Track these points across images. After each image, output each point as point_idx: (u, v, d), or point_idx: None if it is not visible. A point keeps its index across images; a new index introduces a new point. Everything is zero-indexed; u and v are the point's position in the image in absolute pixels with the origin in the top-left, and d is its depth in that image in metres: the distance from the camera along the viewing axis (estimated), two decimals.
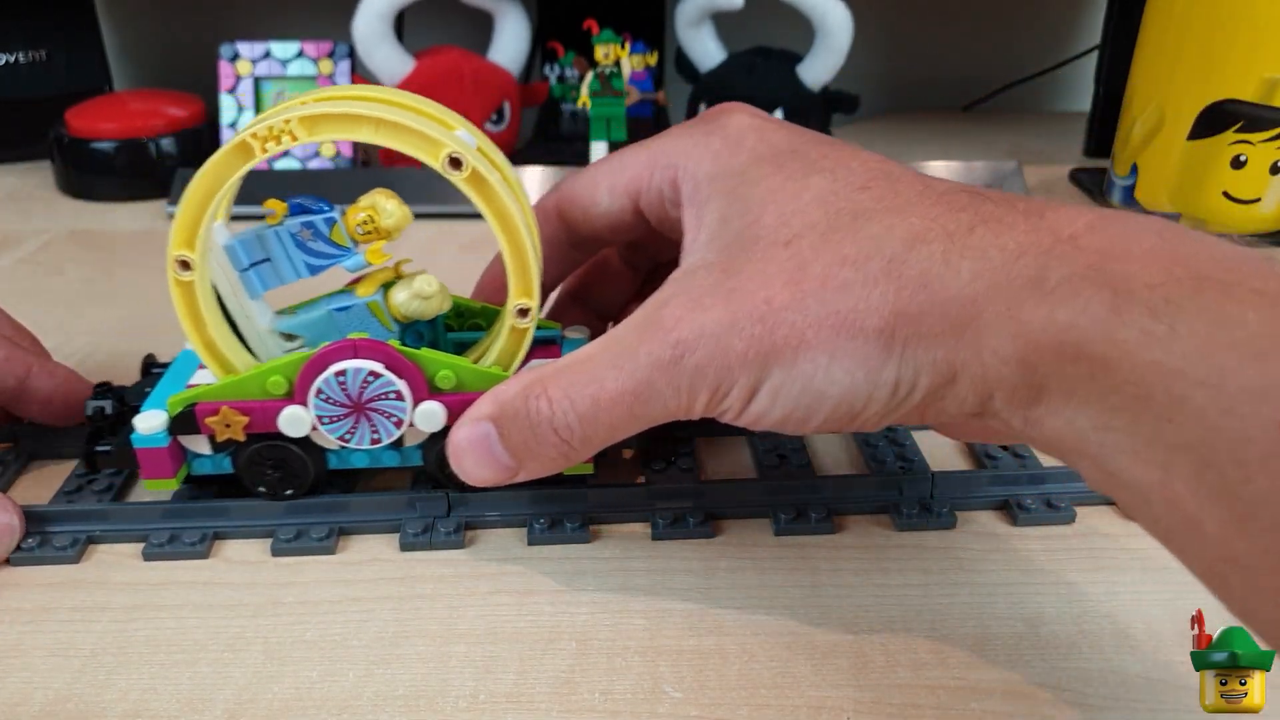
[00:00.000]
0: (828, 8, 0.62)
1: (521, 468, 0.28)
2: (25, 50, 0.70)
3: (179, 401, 0.30)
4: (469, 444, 0.28)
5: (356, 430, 0.30)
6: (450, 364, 0.30)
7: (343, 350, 0.29)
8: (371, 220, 0.29)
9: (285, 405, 0.30)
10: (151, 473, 0.30)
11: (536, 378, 0.27)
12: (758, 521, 0.32)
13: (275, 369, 0.30)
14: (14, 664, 0.27)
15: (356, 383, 0.29)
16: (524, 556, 0.31)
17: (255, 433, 0.30)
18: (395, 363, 0.29)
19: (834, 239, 0.25)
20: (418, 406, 0.30)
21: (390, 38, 0.62)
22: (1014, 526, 0.32)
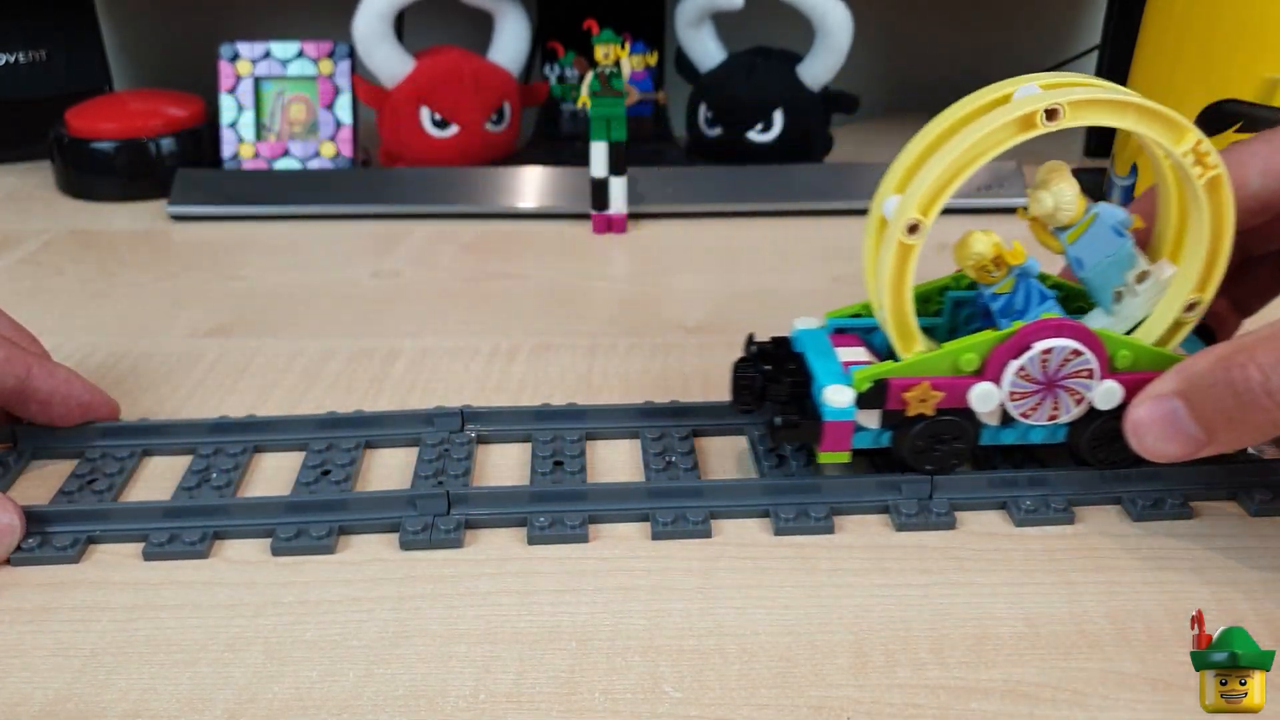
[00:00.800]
0: (828, 8, 0.62)
1: (1214, 440, 0.28)
2: (25, 50, 0.70)
3: (867, 377, 0.31)
4: (1153, 419, 0.29)
5: (1040, 407, 0.31)
6: (1129, 344, 0.31)
7: (1046, 329, 0.30)
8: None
9: (977, 381, 0.31)
10: (832, 445, 0.32)
11: (1236, 348, 0.27)
12: (758, 521, 0.32)
13: (969, 346, 0.31)
14: (14, 664, 0.27)
15: (1058, 360, 0.30)
16: (524, 556, 0.31)
17: (945, 408, 0.31)
18: (1091, 341, 0.30)
19: None
20: (1100, 384, 0.31)
21: (390, 38, 0.62)
22: (1014, 527, 0.32)
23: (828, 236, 0.58)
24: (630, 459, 0.36)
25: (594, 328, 0.47)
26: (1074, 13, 0.85)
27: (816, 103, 0.65)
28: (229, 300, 0.50)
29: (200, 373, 0.43)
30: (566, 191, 0.62)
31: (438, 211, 0.61)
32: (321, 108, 0.66)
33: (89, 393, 0.37)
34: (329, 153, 0.65)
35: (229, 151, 0.66)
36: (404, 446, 0.37)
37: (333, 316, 0.48)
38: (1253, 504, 0.32)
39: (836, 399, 0.31)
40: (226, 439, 0.36)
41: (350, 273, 0.54)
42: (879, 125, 0.80)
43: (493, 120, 0.65)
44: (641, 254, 0.57)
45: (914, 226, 0.29)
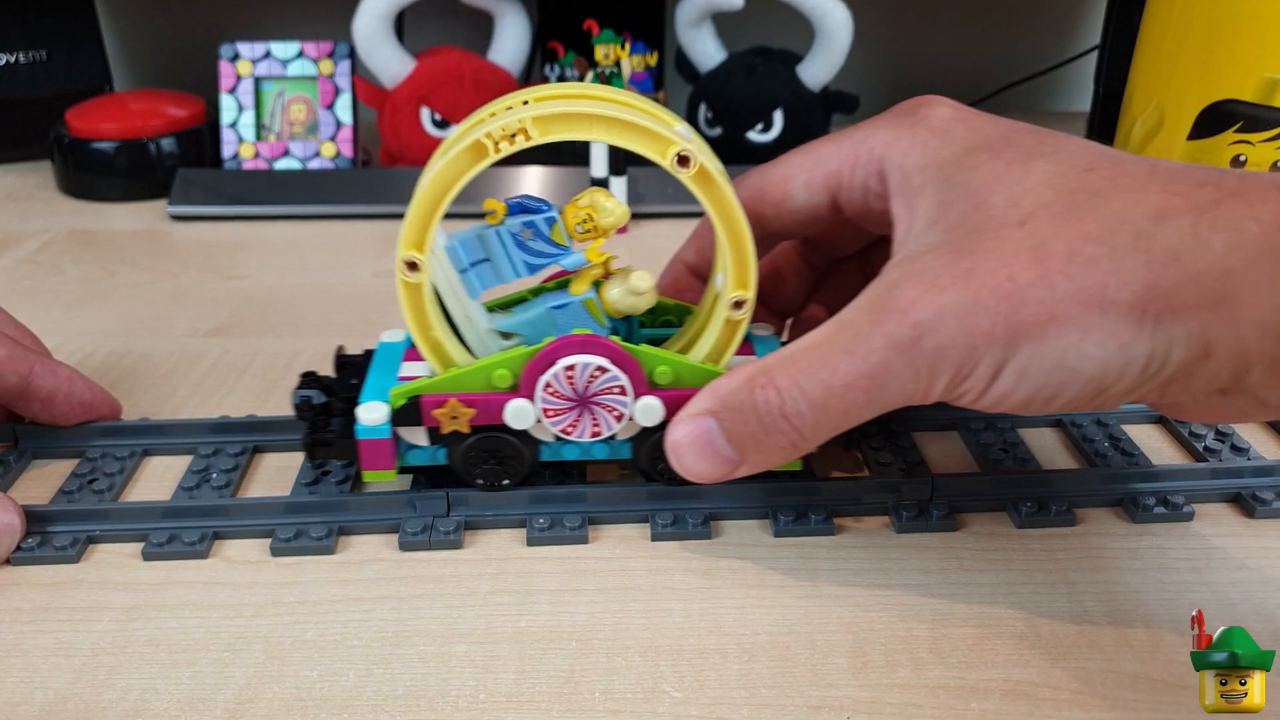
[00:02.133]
0: (828, 8, 0.62)
1: (745, 460, 0.28)
2: (25, 50, 0.70)
3: (402, 393, 0.30)
4: (690, 439, 0.28)
5: (579, 424, 0.31)
6: (668, 359, 0.30)
7: (571, 345, 0.30)
8: (591, 219, 0.30)
9: (511, 398, 0.30)
10: (372, 463, 0.31)
11: (760, 368, 0.27)
12: (758, 523, 0.32)
13: (501, 362, 0.30)
14: (14, 664, 0.27)
15: (584, 377, 0.30)
16: (524, 556, 0.31)
17: (480, 424, 0.31)
18: (619, 358, 0.30)
19: (1072, 217, 0.24)
20: (637, 401, 0.30)
21: (390, 38, 0.62)
22: (1014, 529, 0.32)
23: None
24: None
25: None
26: (1074, 13, 0.85)
27: (816, 103, 0.65)
28: (229, 300, 0.50)
29: (200, 373, 0.43)
30: (566, 191, 0.62)
31: None
32: (322, 108, 0.66)
33: (90, 391, 0.37)
34: (329, 153, 0.65)
35: (229, 151, 0.66)
36: None
37: (333, 316, 0.48)
38: (1252, 506, 0.32)
39: (368, 416, 0.30)
40: (226, 439, 0.36)
41: (350, 273, 0.54)
42: None
43: None
44: (642, 254, 0.57)
45: (413, 264, 0.29)
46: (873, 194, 0.29)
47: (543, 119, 0.27)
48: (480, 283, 0.30)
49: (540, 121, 0.27)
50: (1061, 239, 0.24)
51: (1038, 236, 0.24)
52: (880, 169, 0.29)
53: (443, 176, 0.28)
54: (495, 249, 0.30)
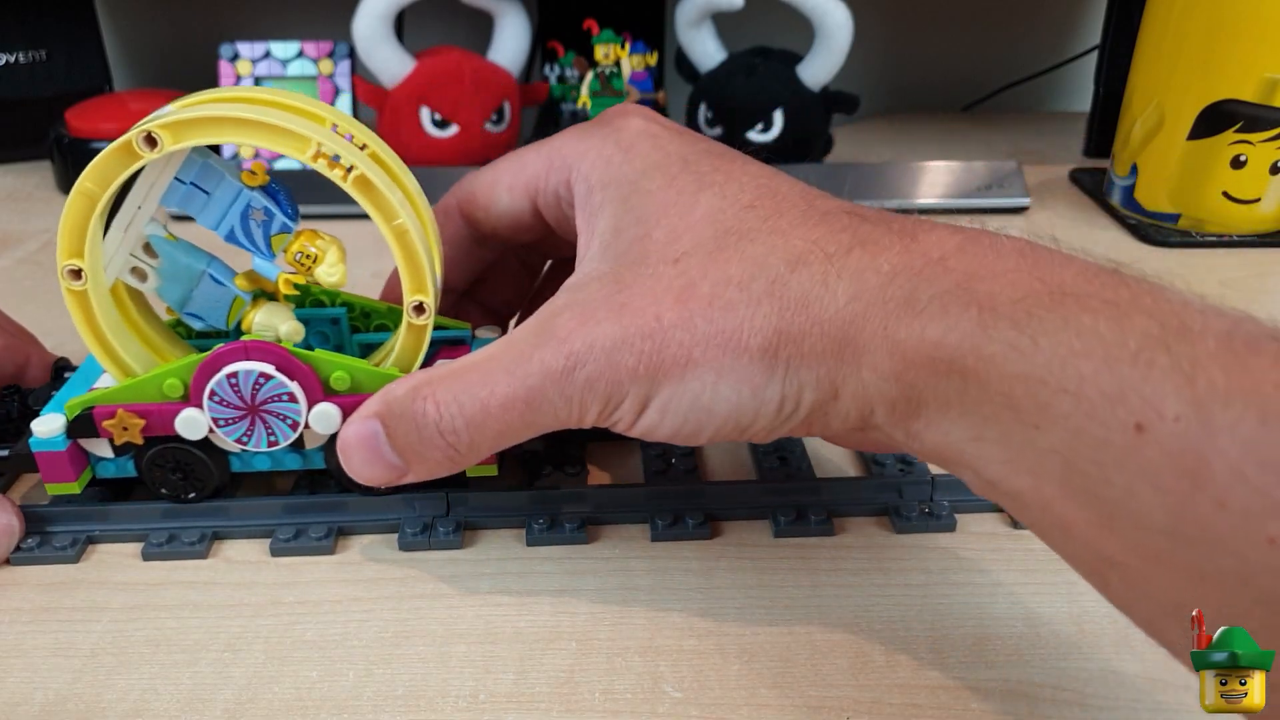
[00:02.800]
0: (828, 8, 0.62)
1: (409, 468, 0.27)
2: (25, 50, 0.70)
3: (77, 405, 0.30)
4: (357, 442, 0.27)
5: (253, 432, 0.30)
6: (345, 365, 0.30)
7: (235, 352, 0.29)
8: (310, 262, 0.29)
9: (182, 408, 0.30)
10: (52, 476, 0.30)
11: (426, 379, 0.27)
12: (757, 523, 0.32)
13: (171, 371, 0.29)
14: (14, 664, 0.27)
15: (249, 385, 0.29)
16: (524, 556, 0.31)
17: (154, 435, 0.30)
18: (288, 364, 0.29)
19: (720, 258, 0.25)
20: (313, 408, 0.30)
21: (390, 38, 0.62)
22: (1014, 529, 0.32)
23: None
24: (630, 461, 0.36)
25: None
26: (1074, 13, 0.85)
27: (816, 103, 0.65)
28: None
29: None
30: None
31: None
32: None
33: None
34: None
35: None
36: None
37: None
38: None
39: (43, 429, 0.30)
40: None
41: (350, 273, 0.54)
42: (879, 125, 0.80)
43: (493, 120, 0.65)
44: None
45: (75, 272, 0.28)
46: (564, 203, 0.30)
47: (174, 125, 0.27)
48: (180, 202, 0.29)
49: (171, 127, 0.27)
50: (707, 281, 0.25)
51: (687, 276, 0.25)
52: (568, 178, 0.29)
53: (91, 180, 0.27)
54: (222, 198, 0.29)
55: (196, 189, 0.29)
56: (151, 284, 0.30)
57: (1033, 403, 0.21)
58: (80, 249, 0.28)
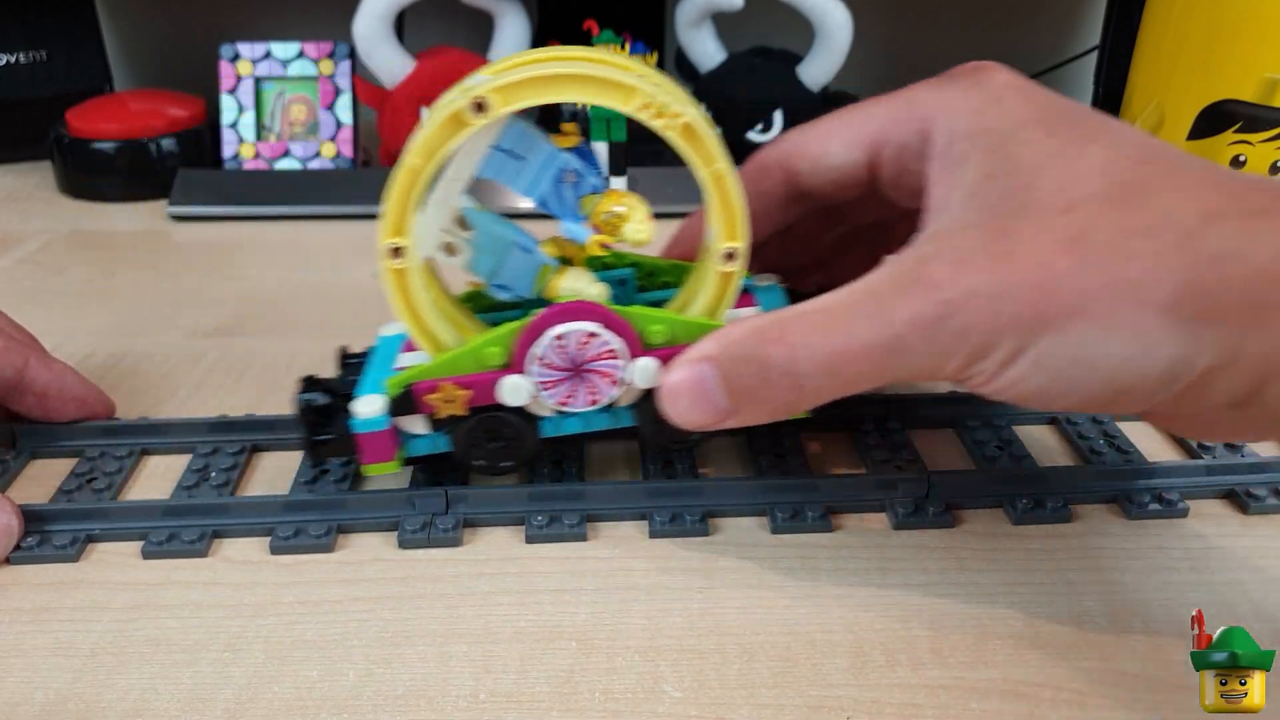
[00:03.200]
0: (828, 8, 0.62)
1: (737, 412, 0.27)
2: (25, 50, 0.70)
3: (396, 383, 0.30)
4: (686, 385, 0.27)
5: (575, 393, 0.30)
6: (662, 318, 0.30)
7: (557, 314, 0.29)
8: (619, 221, 0.29)
9: (504, 375, 0.30)
10: (373, 456, 0.31)
11: (773, 322, 0.26)
12: (755, 520, 0.32)
13: (492, 340, 0.30)
14: (14, 664, 0.27)
15: (575, 344, 0.29)
16: (524, 555, 0.31)
17: (476, 406, 0.30)
18: (610, 321, 0.30)
19: (1120, 208, 0.24)
20: (633, 363, 0.30)
21: (391, 38, 0.62)
22: (1011, 525, 0.32)
23: None
24: (629, 458, 0.36)
25: None
26: (1074, 13, 0.85)
27: (816, 103, 0.65)
28: (229, 300, 0.50)
29: (200, 373, 0.43)
30: None
31: None
32: (322, 108, 0.66)
33: (85, 388, 0.37)
34: (329, 153, 0.65)
35: (229, 152, 0.66)
36: None
37: (333, 316, 0.48)
38: (1249, 503, 0.32)
39: (363, 409, 0.30)
40: (225, 438, 0.36)
41: (350, 273, 0.54)
42: None
43: None
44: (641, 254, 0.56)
45: (396, 250, 0.28)
46: (912, 154, 0.28)
47: (505, 88, 0.27)
48: (496, 171, 0.29)
49: (502, 90, 0.27)
50: (1105, 230, 0.24)
51: (1081, 225, 0.24)
52: (924, 128, 0.28)
53: (424, 150, 0.27)
54: (535, 162, 0.29)
55: (509, 155, 0.29)
56: (463, 257, 0.30)
57: None
58: (403, 228, 0.28)
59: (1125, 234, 0.23)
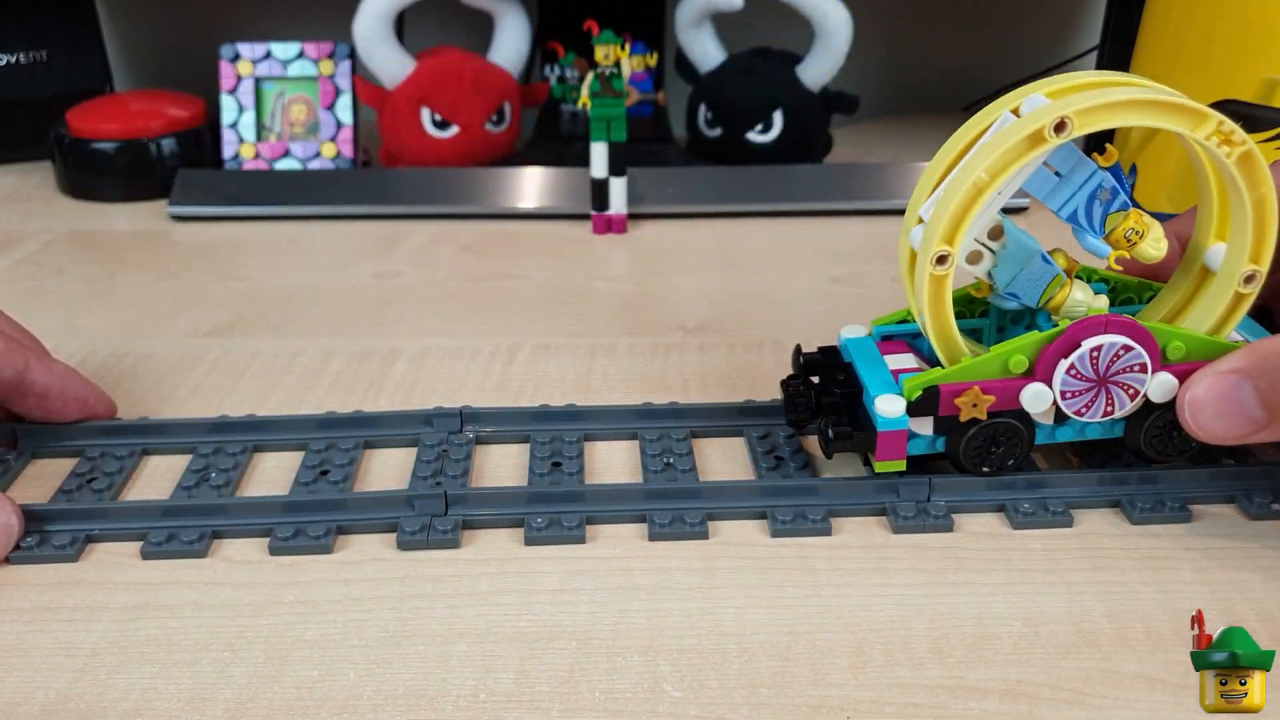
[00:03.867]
0: (827, 8, 0.62)
1: (1273, 423, 0.28)
2: (25, 50, 0.70)
3: (916, 385, 0.31)
4: (1215, 396, 0.28)
5: (1094, 404, 0.31)
6: (1181, 335, 0.31)
7: (1093, 326, 0.30)
8: (1138, 238, 0.30)
9: (1028, 382, 0.31)
10: (887, 454, 0.32)
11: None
12: (755, 523, 0.32)
13: (1018, 349, 0.31)
14: (15, 663, 0.27)
15: (1108, 357, 0.30)
16: (524, 556, 0.31)
17: (994, 410, 0.31)
18: (1141, 336, 0.30)
19: None
20: (1153, 377, 0.31)
21: (391, 38, 0.62)
22: (1012, 529, 0.32)
23: (827, 237, 0.58)
24: (629, 460, 0.36)
25: (594, 328, 0.47)
26: (1074, 13, 0.85)
27: (816, 103, 0.65)
28: (229, 300, 0.50)
29: (200, 373, 0.43)
30: (566, 192, 0.62)
31: (438, 212, 0.61)
32: (322, 108, 0.66)
33: (86, 389, 0.37)
34: (329, 153, 0.65)
35: (230, 152, 0.66)
36: (403, 447, 0.37)
37: (333, 316, 0.48)
38: (1252, 507, 0.32)
39: (888, 409, 0.31)
40: (226, 438, 0.36)
41: (350, 273, 0.54)
42: (879, 125, 0.80)
43: (493, 121, 0.65)
44: (641, 254, 0.57)
45: (942, 258, 0.29)
46: None
47: (1084, 111, 0.28)
48: (1038, 187, 0.30)
49: (1082, 114, 0.28)
50: None
51: None
52: None
53: (996, 166, 0.28)
54: (1075, 179, 0.30)
55: (1050, 172, 0.30)
56: (984, 266, 0.32)
57: None
58: (955, 237, 0.29)
59: None
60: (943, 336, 0.31)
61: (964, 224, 0.29)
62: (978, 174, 0.28)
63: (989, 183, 0.28)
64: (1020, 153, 0.28)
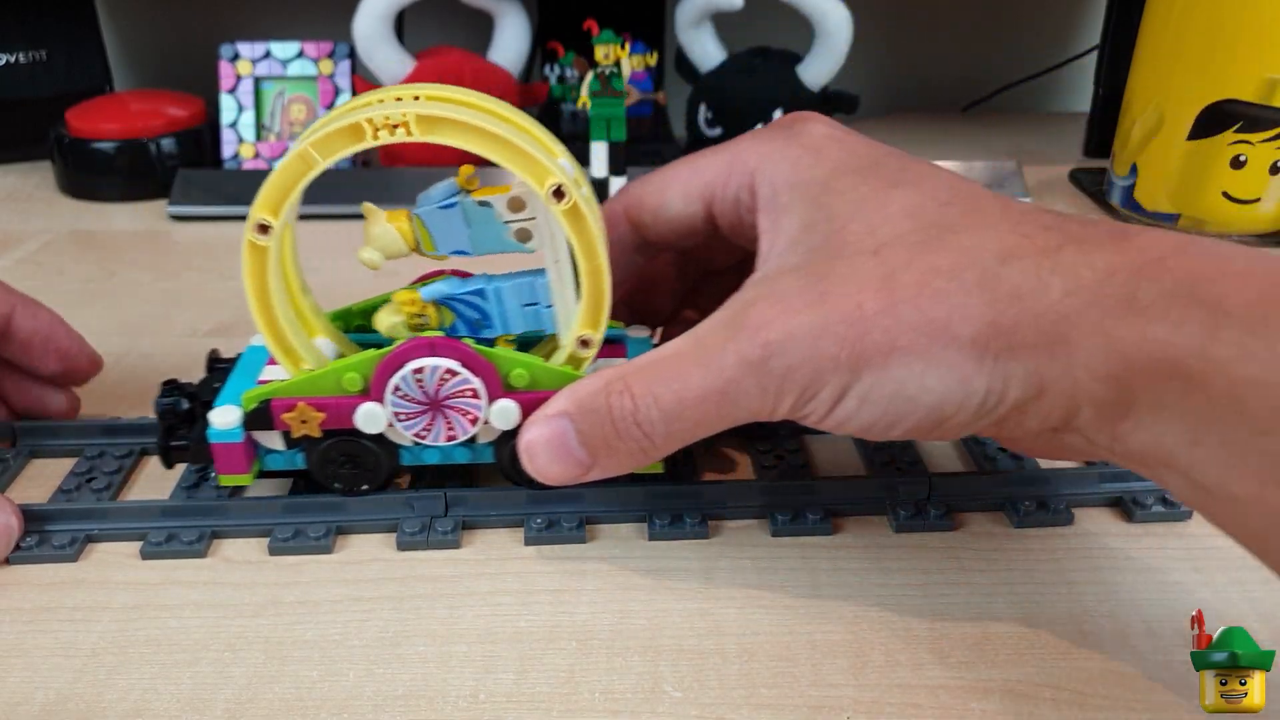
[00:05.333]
0: (828, 8, 0.62)
1: (596, 464, 0.28)
2: (25, 50, 0.70)
3: (254, 397, 0.30)
4: (544, 440, 0.28)
5: (432, 427, 0.30)
6: (524, 362, 0.30)
7: (420, 348, 0.29)
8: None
9: (361, 402, 0.30)
10: (226, 468, 0.31)
11: (618, 374, 0.27)
12: (755, 523, 0.32)
13: (351, 365, 0.30)
14: (15, 664, 0.27)
15: (434, 380, 0.29)
16: (524, 556, 0.31)
17: (331, 429, 0.30)
18: (471, 360, 0.30)
19: (925, 250, 0.25)
20: (493, 404, 0.30)
21: (390, 38, 0.62)
22: (1012, 528, 0.32)
23: None
24: None
25: None
26: (1074, 13, 0.85)
27: (816, 103, 0.65)
28: (229, 300, 0.50)
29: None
30: None
31: None
32: (322, 108, 0.66)
33: (70, 341, 0.36)
34: None
35: (229, 152, 0.66)
36: None
37: None
38: None
39: (220, 420, 0.30)
40: None
41: (350, 273, 0.54)
42: (879, 125, 0.80)
43: None
44: None
45: (264, 226, 0.28)
46: (744, 206, 0.29)
47: (428, 119, 0.27)
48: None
49: (425, 121, 0.27)
50: (912, 270, 0.25)
51: (890, 266, 0.25)
52: (751, 182, 0.29)
53: (316, 148, 0.27)
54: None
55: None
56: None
57: (1266, 407, 0.20)
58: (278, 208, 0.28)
59: (931, 273, 0.24)
60: (269, 327, 0.29)
61: (289, 197, 0.28)
62: (297, 151, 0.27)
63: (310, 163, 0.27)
64: (343, 143, 0.27)
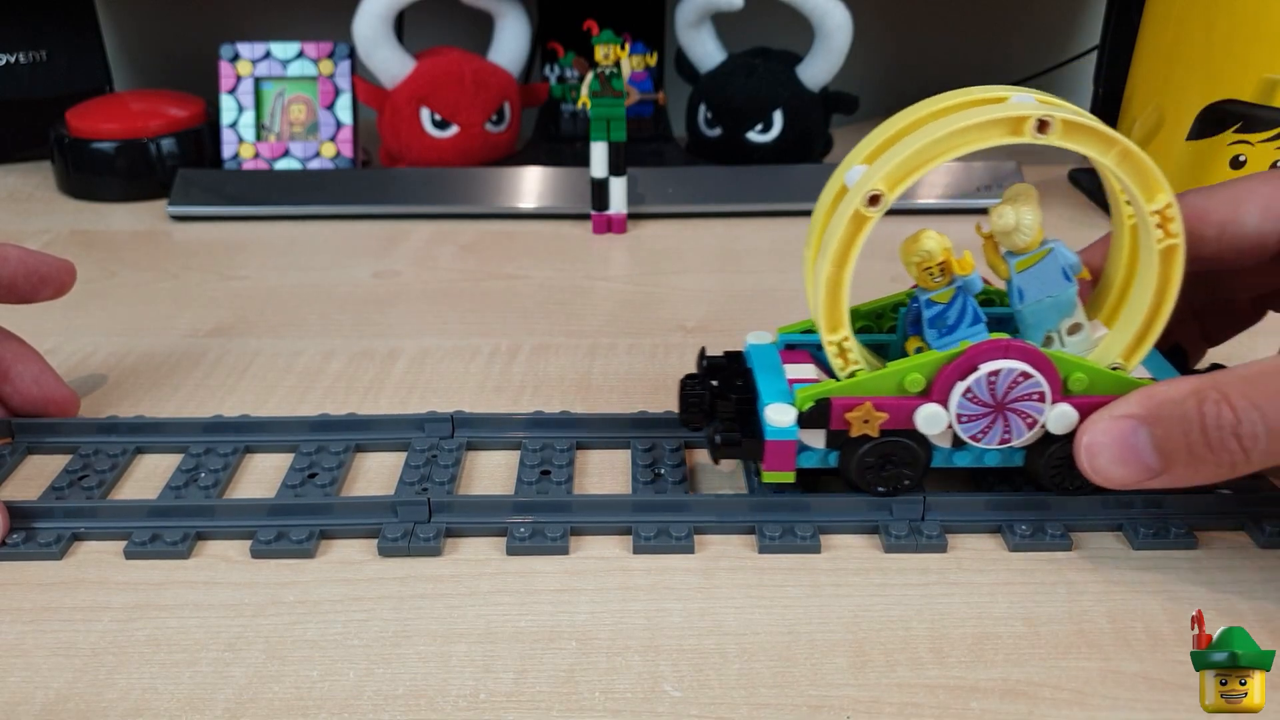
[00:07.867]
0: (827, 8, 0.62)
1: (1167, 471, 0.27)
2: (25, 50, 0.70)
3: (809, 396, 0.30)
4: (1111, 442, 0.28)
5: (991, 429, 0.30)
6: (1084, 366, 0.30)
7: (994, 350, 0.29)
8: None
9: (923, 403, 0.30)
10: (775, 464, 0.31)
11: (1210, 383, 0.26)
12: (743, 538, 0.32)
13: (915, 366, 0.30)
14: (15, 663, 0.27)
15: (1005, 383, 0.29)
16: (519, 558, 0.31)
17: (887, 428, 0.30)
18: (1041, 364, 0.29)
19: None
20: (1053, 408, 0.30)
21: (390, 38, 0.62)
22: (1009, 552, 0.31)
23: None
24: (620, 469, 0.36)
25: (593, 328, 0.47)
26: (1074, 13, 0.85)
27: (816, 103, 0.65)
28: (229, 300, 0.50)
29: (200, 373, 0.43)
30: (566, 192, 0.62)
31: (438, 211, 0.61)
32: (322, 108, 0.66)
33: (39, 262, 0.37)
34: (329, 153, 0.65)
35: (229, 152, 0.66)
36: (394, 451, 0.36)
37: (333, 317, 0.48)
38: (1262, 535, 0.31)
39: (778, 418, 0.30)
40: (218, 439, 0.36)
41: (350, 273, 0.54)
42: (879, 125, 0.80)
43: (493, 121, 0.65)
44: (641, 254, 0.57)
45: (875, 198, 0.28)
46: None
47: (1071, 124, 0.28)
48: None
49: (1069, 126, 0.28)
50: None
51: None
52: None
53: (967, 135, 0.28)
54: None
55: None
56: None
57: None
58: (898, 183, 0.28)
59: None
60: (833, 286, 0.29)
61: (910, 176, 0.28)
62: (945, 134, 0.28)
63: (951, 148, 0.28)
64: (996, 133, 0.28)
